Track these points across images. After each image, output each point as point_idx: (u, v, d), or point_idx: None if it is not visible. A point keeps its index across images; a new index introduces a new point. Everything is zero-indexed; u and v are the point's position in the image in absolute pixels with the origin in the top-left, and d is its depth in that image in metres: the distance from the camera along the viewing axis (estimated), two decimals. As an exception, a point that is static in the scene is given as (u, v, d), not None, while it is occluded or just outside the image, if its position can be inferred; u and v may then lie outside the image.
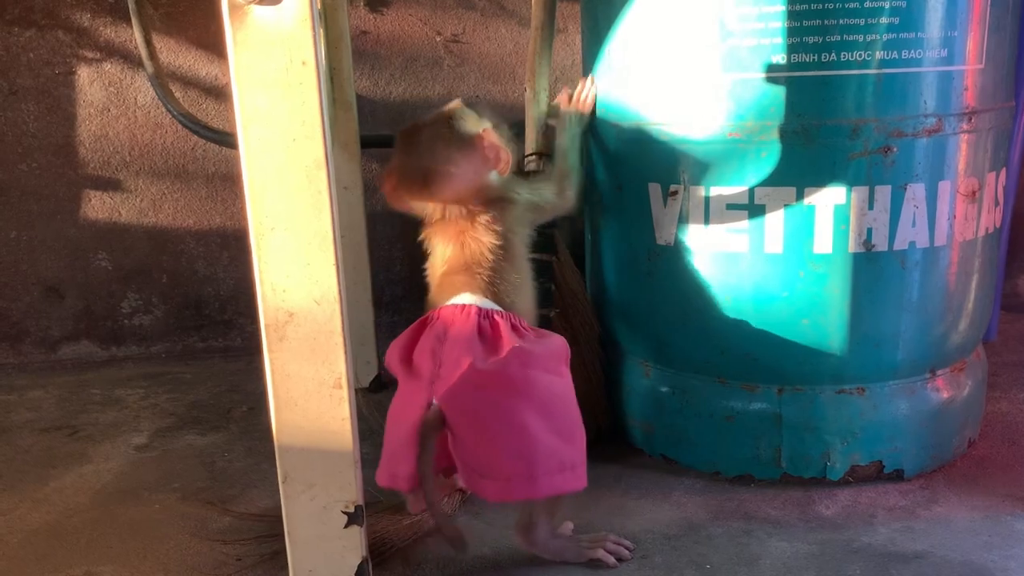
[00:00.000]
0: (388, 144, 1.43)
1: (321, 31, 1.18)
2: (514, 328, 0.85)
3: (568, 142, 1.04)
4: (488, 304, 0.86)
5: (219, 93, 1.43)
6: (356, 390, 1.29)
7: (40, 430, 1.26)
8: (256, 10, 0.67)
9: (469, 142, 0.89)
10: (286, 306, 0.73)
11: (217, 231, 1.49)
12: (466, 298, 0.87)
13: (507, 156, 0.90)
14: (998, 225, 1.02)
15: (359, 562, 0.78)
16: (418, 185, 0.90)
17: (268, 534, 0.92)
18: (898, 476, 1.00)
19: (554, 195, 0.97)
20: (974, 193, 0.96)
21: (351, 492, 0.76)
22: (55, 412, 1.33)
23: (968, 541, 0.88)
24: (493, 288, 0.88)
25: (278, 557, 0.86)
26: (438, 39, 1.44)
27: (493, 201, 0.90)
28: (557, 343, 0.87)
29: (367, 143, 1.39)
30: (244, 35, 0.68)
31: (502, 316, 0.86)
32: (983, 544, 0.88)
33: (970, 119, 0.93)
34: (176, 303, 1.52)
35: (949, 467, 1.03)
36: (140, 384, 1.42)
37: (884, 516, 0.94)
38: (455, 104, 0.92)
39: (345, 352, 0.74)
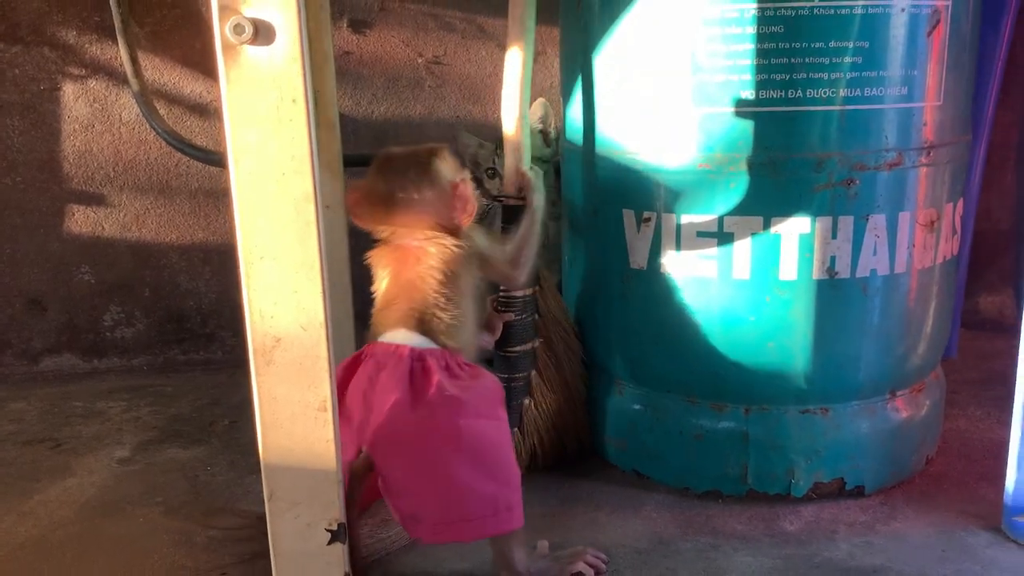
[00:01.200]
0: (370, 164, 1.46)
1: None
2: (447, 369, 0.86)
3: (528, 228, 1.00)
4: (422, 343, 0.86)
5: (203, 111, 1.45)
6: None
7: (23, 442, 1.28)
8: (248, 49, 0.70)
9: (441, 184, 0.89)
10: (273, 332, 0.76)
11: (200, 246, 1.51)
12: (400, 335, 0.87)
13: (473, 209, 0.90)
14: (955, 253, 1.07)
15: (342, 577, 0.81)
16: (380, 206, 0.91)
17: (249, 538, 0.95)
18: (859, 492, 1.05)
19: (507, 262, 0.97)
20: (933, 223, 1.01)
21: (334, 511, 0.79)
22: (38, 424, 1.34)
23: (923, 555, 0.93)
24: (429, 325, 0.87)
25: (261, 565, 0.88)
26: (420, 60, 1.47)
27: (444, 239, 0.89)
28: (491, 385, 0.89)
29: (349, 162, 1.41)
30: (237, 73, 0.71)
31: (435, 357, 0.86)
32: (937, 558, 0.92)
33: (929, 153, 0.98)
34: (158, 316, 1.54)
35: (907, 483, 1.08)
36: (122, 397, 1.44)
37: (845, 531, 0.98)
38: (441, 146, 0.93)
39: (330, 376, 0.77)
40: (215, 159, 1.45)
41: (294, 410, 0.77)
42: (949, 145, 1.00)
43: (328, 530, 0.79)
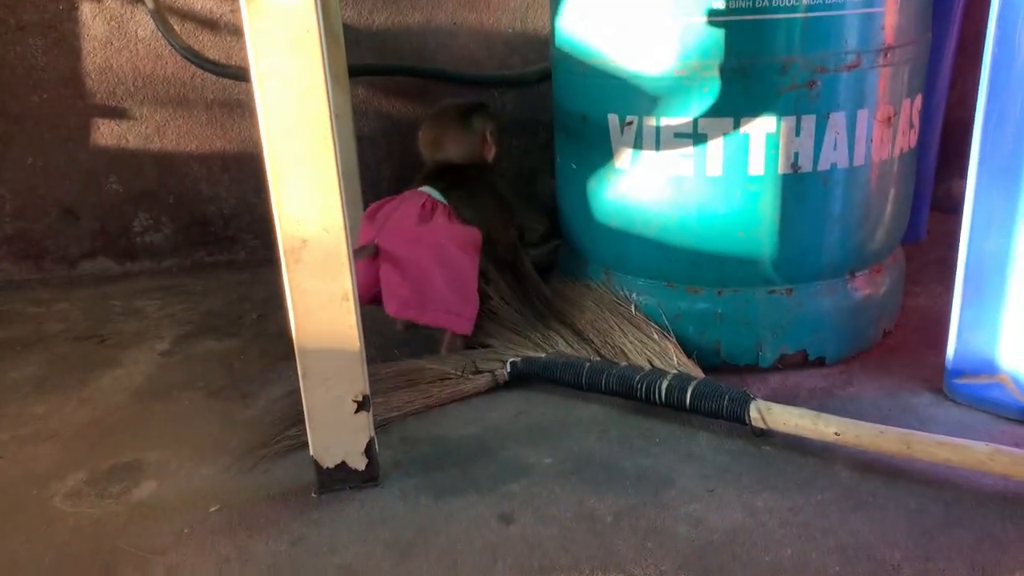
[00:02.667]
0: (373, 72, 1.55)
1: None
2: (447, 215, 1.25)
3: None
4: (439, 197, 1.27)
5: (214, 25, 1.53)
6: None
7: (72, 338, 1.42)
8: (266, -14, 0.80)
9: (474, 130, 1.35)
10: (300, 234, 0.87)
11: (218, 154, 1.61)
12: (427, 189, 1.28)
13: (495, 151, 1.37)
14: (912, 145, 1.17)
15: (367, 441, 0.95)
16: (436, 140, 1.37)
17: (286, 420, 1.10)
18: (820, 363, 1.18)
19: (502, 221, 1.33)
20: (890, 119, 1.10)
21: (360, 384, 0.93)
22: (83, 322, 1.48)
23: (872, 414, 1.06)
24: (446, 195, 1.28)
25: (298, 439, 1.03)
26: (417, -32, 1.54)
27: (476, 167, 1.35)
28: (474, 234, 1.25)
29: (354, 72, 1.51)
30: (256, 7, 0.80)
31: (442, 206, 1.25)
32: (883, 417, 1.06)
33: (886, 54, 1.07)
34: (183, 221, 1.65)
35: (866, 354, 1.21)
36: (156, 296, 1.57)
37: (806, 395, 1.12)
38: (480, 103, 1.40)
39: (350, 270, 0.90)
40: (229, 72, 1.54)
41: (321, 300, 0.90)
42: (907, 45, 1.09)
43: (355, 401, 0.93)
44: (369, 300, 1.20)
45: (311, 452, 0.95)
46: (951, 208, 1.77)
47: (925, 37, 1.13)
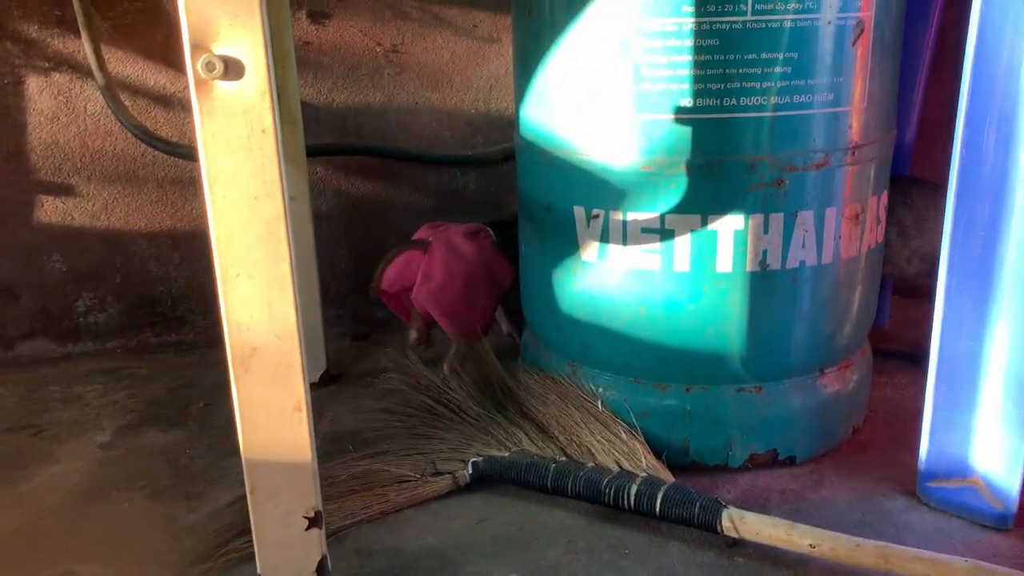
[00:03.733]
0: (333, 152, 1.52)
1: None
2: (493, 247, 1.39)
3: None
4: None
5: (167, 101, 1.49)
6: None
7: (5, 430, 1.34)
8: (219, 84, 0.76)
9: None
10: (250, 342, 0.82)
11: (168, 233, 1.55)
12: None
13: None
14: (880, 241, 1.16)
15: (319, 559, 0.89)
16: None
17: (233, 528, 1.03)
18: (791, 462, 1.15)
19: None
20: (858, 216, 1.09)
21: (311, 499, 0.87)
22: (17, 411, 1.40)
23: (846, 519, 1.03)
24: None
25: (245, 551, 0.96)
26: (378, 49, 1.51)
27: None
28: (508, 271, 1.38)
29: (313, 152, 1.47)
30: (209, 107, 0.76)
31: (492, 240, 1.40)
32: (857, 522, 1.03)
33: (854, 152, 1.06)
34: (130, 301, 1.58)
35: (836, 452, 1.18)
36: (98, 380, 1.49)
37: (777, 499, 1.08)
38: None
39: (303, 378, 0.85)
40: (181, 151, 1.49)
41: (271, 411, 0.85)
42: (873, 143, 1.08)
43: (306, 517, 0.87)
44: (396, 292, 1.37)
45: (259, 570, 0.89)
46: (910, 292, 1.77)
47: (890, 135, 1.13)
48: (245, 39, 0.75)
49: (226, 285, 0.81)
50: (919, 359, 1.15)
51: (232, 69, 0.76)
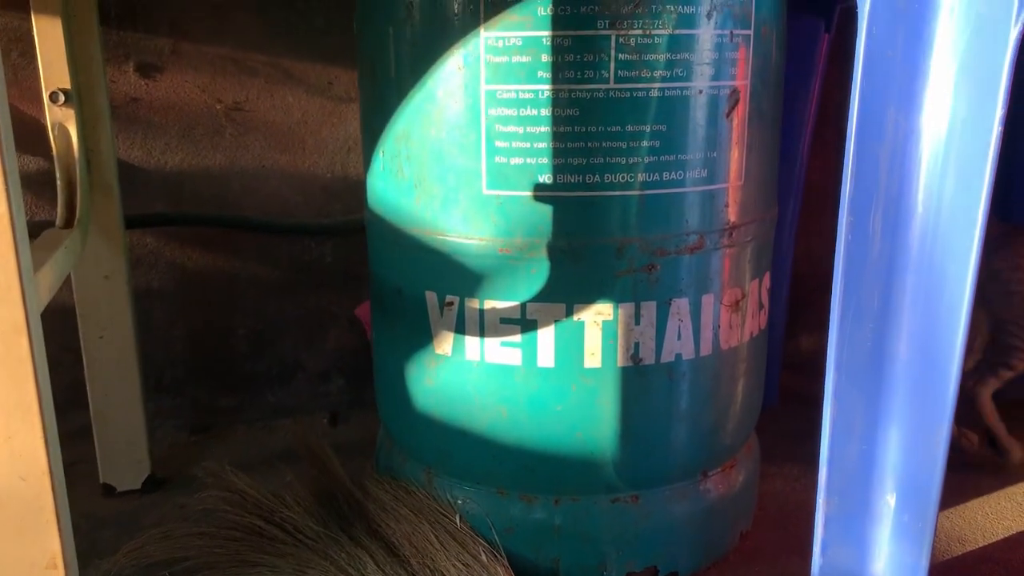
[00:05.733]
0: (162, 223, 1.34)
1: (71, 112, 1.08)
2: None
3: None
4: None
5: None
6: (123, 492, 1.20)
7: None
8: (-68, 162, 0.59)
9: None
10: (-15, 486, 0.64)
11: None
12: None
13: None
14: (763, 327, 1.06)
15: None
16: None
17: None
18: (672, 578, 1.02)
19: None
20: (738, 303, 0.99)
21: None
22: None
23: (732, 649, 0.91)
24: None
25: None
26: (219, 107, 1.35)
27: None
28: None
29: (137, 223, 1.29)
30: (-81, 189, 0.59)
31: None
32: (745, 652, 0.90)
33: (731, 234, 0.95)
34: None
35: (722, 563, 1.06)
36: None
37: (657, 625, 0.95)
38: None
39: (60, 528, 0.67)
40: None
41: (16, 572, 0.66)
42: (752, 223, 0.98)
43: None
44: None
45: None
46: (799, 366, 1.70)
47: (771, 213, 1.04)
48: (-33, 104, 0.59)
49: (-52, 415, 0.63)
50: None
51: (-51, 142, 0.59)
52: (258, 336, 1.44)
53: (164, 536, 0.99)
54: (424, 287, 0.98)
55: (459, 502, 1.02)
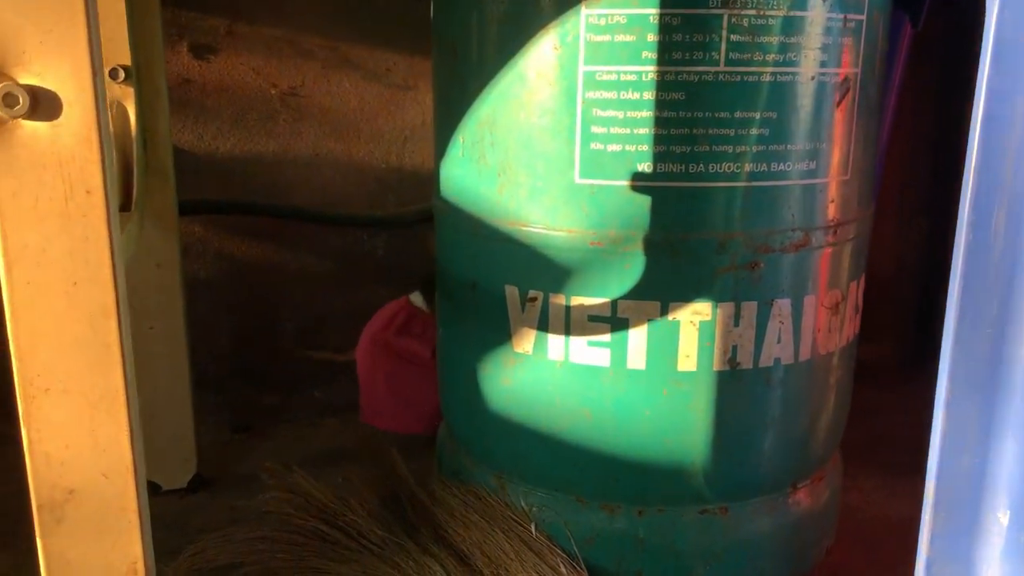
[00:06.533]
0: (214, 210, 1.29)
1: (130, 90, 1.03)
2: (424, 326, 1.26)
3: None
4: (420, 304, 1.27)
5: None
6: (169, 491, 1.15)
7: None
8: (24, 126, 0.53)
9: None
10: (65, 482, 0.59)
11: None
12: (413, 297, 1.27)
13: None
14: (857, 332, 1.00)
15: None
16: None
17: None
18: (759, 595, 0.96)
19: None
20: (837, 305, 0.93)
21: None
22: None
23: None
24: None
25: None
26: (273, 91, 1.30)
27: None
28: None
29: (188, 209, 1.24)
30: (10, 156, 0.54)
31: (424, 315, 1.26)
32: None
33: (835, 231, 0.90)
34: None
35: (808, 580, 1.01)
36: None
37: (747, 646, 0.89)
38: None
39: (142, 531, 0.61)
40: None
41: (94, 577, 0.61)
42: (854, 221, 0.93)
43: None
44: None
45: None
46: (858, 376, 1.64)
47: (870, 211, 0.98)
48: (63, 64, 0.53)
49: (29, 404, 0.58)
50: None
51: (43, 105, 0.53)
52: (305, 331, 1.39)
53: (224, 540, 0.93)
54: (504, 281, 0.92)
55: (533, 510, 0.96)
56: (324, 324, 1.40)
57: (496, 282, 0.93)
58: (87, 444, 0.58)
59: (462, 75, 0.92)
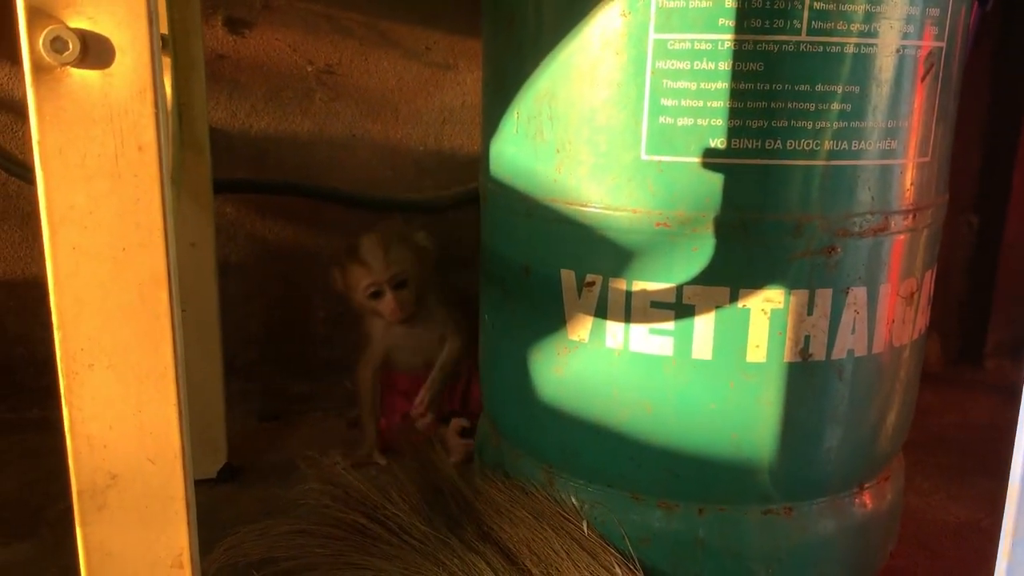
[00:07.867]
0: (248, 189, 1.24)
1: (167, 60, 0.98)
2: None
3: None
4: None
5: (12, 107, 1.19)
6: (198, 481, 1.10)
7: None
8: (73, 74, 0.49)
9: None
10: (107, 466, 0.54)
11: (33, 282, 1.24)
12: None
13: None
14: (928, 323, 0.95)
15: None
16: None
17: None
18: (823, 601, 0.91)
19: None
20: (912, 294, 0.88)
21: None
22: None
23: None
24: None
25: None
26: (309, 68, 1.25)
27: None
28: None
29: (223, 188, 1.19)
30: (55, 106, 0.49)
31: None
32: None
33: (914, 216, 0.85)
34: (-22, 365, 1.26)
35: (872, 585, 0.95)
36: (-74, 468, 1.16)
37: (813, 655, 0.84)
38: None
39: (188, 521, 0.57)
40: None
41: (138, 569, 0.56)
42: (931, 207, 0.87)
43: None
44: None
45: None
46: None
47: (946, 197, 0.93)
48: (117, 7, 0.48)
49: (71, 380, 0.53)
50: None
51: (94, 51, 0.49)
52: (338, 318, 1.34)
53: (260, 533, 0.89)
54: (559, 265, 0.87)
55: (585, 507, 0.91)
56: (358, 312, 1.35)
57: (551, 266, 0.88)
58: (133, 425, 0.54)
59: (519, 45, 0.87)
